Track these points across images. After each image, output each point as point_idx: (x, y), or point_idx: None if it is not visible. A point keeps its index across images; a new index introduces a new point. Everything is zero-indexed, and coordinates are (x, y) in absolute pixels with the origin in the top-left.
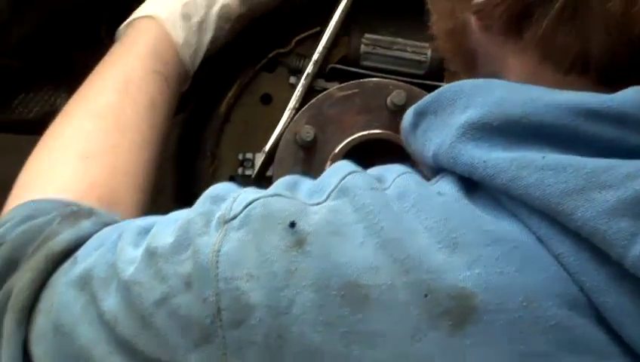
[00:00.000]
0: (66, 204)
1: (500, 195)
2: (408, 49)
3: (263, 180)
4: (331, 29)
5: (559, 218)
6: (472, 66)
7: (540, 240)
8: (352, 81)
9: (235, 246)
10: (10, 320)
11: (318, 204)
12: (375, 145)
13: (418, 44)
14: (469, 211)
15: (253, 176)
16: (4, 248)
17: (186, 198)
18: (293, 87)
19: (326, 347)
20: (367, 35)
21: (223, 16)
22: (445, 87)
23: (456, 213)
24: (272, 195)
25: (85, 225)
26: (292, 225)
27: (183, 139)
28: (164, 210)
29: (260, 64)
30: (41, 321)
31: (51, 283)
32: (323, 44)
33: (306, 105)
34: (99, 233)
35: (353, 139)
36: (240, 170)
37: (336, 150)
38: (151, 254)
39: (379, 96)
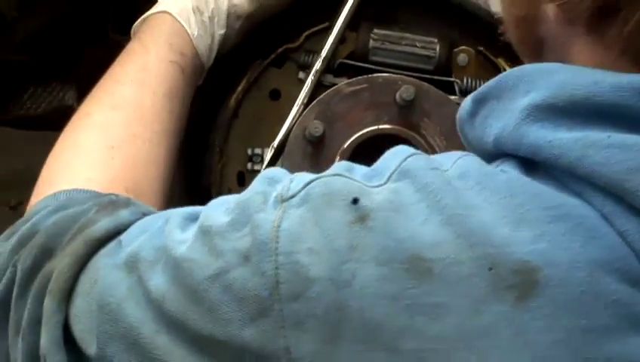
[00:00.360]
0: (101, 194)
1: (563, 176)
2: (417, 44)
3: None
4: (340, 24)
5: (625, 195)
6: (537, 54)
7: (604, 217)
8: (360, 77)
9: (296, 223)
10: (49, 302)
11: (378, 186)
12: (384, 140)
13: (427, 39)
14: (533, 188)
15: (262, 169)
16: (38, 236)
17: (194, 194)
18: (302, 82)
19: (388, 320)
20: (375, 31)
21: (233, 13)
22: (507, 73)
23: (521, 189)
24: (332, 175)
25: (124, 213)
26: (355, 201)
27: (192, 134)
28: (173, 206)
29: (268, 59)
30: (80, 302)
31: (91, 266)
32: (331, 40)
33: (315, 101)
34: (143, 220)
35: (362, 135)
36: (249, 165)
37: (345, 145)
38: (205, 232)
39: (388, 92)
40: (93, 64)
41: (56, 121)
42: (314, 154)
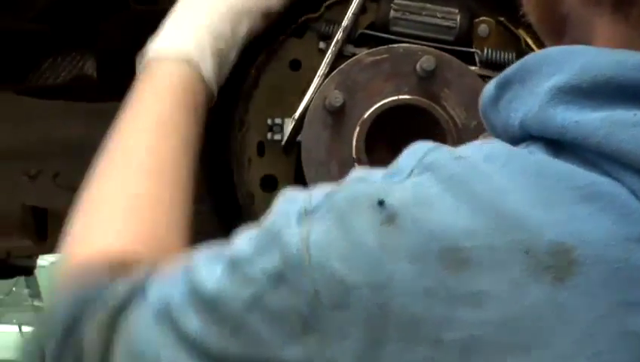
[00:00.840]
0: (116, 259)
1: (591, 155)
2: (438, 15)
3: (293, 146)
4: None
5: None
6: (558, 33)
7: (634, 194)
8: (381, 47)
9: (324, 233)
10: None
11: (400, 183)
12: (404, 110)
13: (447, 9)
14: (562, 168)
15: (283, 141)
16: (62, 313)
17: (215, 164)
18: (323, 52)
19: (429, 314)
20: (396, 1)
21: (249, 36)
22: (529, 56)
23: (549, 171)
24: (352, 182)
25: (140, 274)
26: (380, 203)
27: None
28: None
29: (289, 29)
30: None
31: (120, 329)
32: (352, 10)
33: (335, 71)
34: (164, 272)
35: (382, 105)
36: (269, 135)
37: (365, 115)
38: (233, 263)
39: (408, 62)
40: (112, 34)
41: (76, 90)
42: (334, 124)
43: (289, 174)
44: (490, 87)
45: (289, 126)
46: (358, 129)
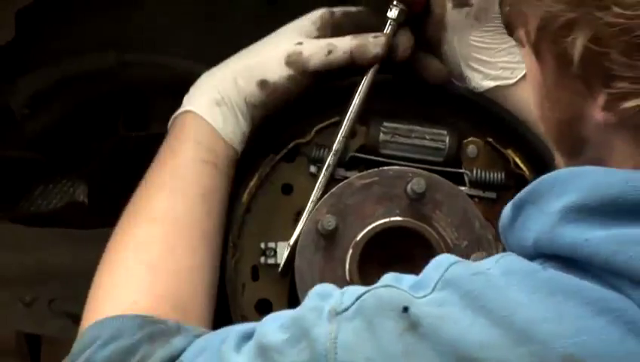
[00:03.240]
0: (151, 322)
1: (601, 271)
2: (427, 136)
3: (289, 271)
4: (349, 118)
5: None
6: (576, 152)
7: None
8: (371, 170)
9: (351, 334)
10: None
11: (424, 296)
12: (396, 232)
13: (436, 131)
14: (573, 284)
15: (280, 268)
16: None
17: None
18: (314, 176)
19: None
20: (385, 124)
21: (250, 103)
22: (542, 178)
23: (561, 286)
24: (382, 286)
25: (176, 342)
26: (405, 309)
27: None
28: None
29: (280, 154)
30: None
31: None
32: (342, 134)
33: (327, 195)
34: (201, 339)
35: (374, 227)
36: (262, 260)
37: (358, 238)
38: (263, 350)
39: (399, 184)
40: (103, 160)
41: (67, 217)
42: (327, 247)
43: (283, 297)
44: (507, 210)
45: (284, 251)
46: (350, 251)
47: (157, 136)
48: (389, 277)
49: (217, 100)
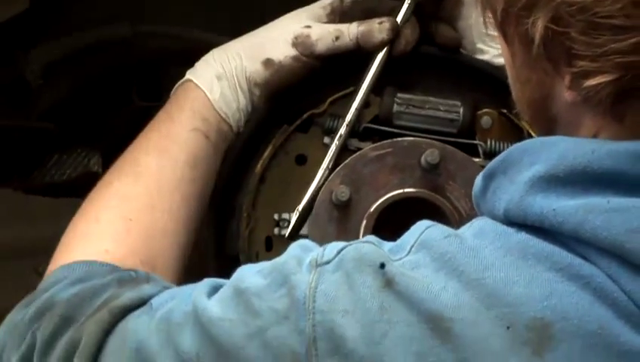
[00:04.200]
0: (116, 268)
1: (569, 240)
2: (440, 107)
3: (297, 238)
4: (364, 89)
5: (627, 256)
6: (550, 131)
7: (610, 277)
8: (385, 141)
9: (331, 286)
10: None
11: (400, 259)
12: (409, 203)
13: (450, 102)
14: (544, 249)
15: (288, 233)
16: (58, 307)
17: (223, 260)
18: (328, 147)
19: None
20: (399, 95)
21: (251, 81)
22: (512, 148)
23: (533, 250)
24: (362, 242)
25: (146, 287)
26: (382, 266)
27: (219, 200)
28: (201, 270)
29: (294, 125)
30: (111, 359)
31: (119, 329)
32: (356, 105)
33: (341, 165)
34: (173, 289)
35: (388, 198)
36: (276, 231)
37: (371, 209)
38: (239, 293)
39: (412, 155)
40: (117, 130)
41: (82, 187)
42: (340, 218)
43: None
44: (478, 179)
45: (294, 217)
46: (364, 222)
47: None
48: (371, 237)
49: (219, 74)
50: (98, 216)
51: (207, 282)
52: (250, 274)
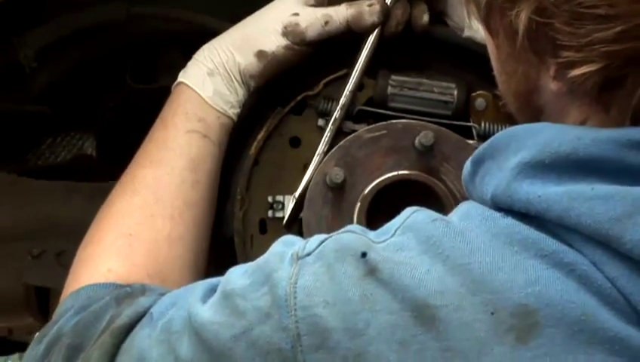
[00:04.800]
0: (118, 287)
1: (554, 227)
2: (435, 90)
3: (295, 223)
4: (357, 72)
5: (610, 243)
6: (537, 120)
7: (595, 265)
8: (379, 123)
9: (311, 278)
10: None
11: (384, 241)
12: (404, 185)
13: (444, 84)
14: (530, 235)
15: (285, 220)
16: (65, 338)
17: (218, 241)
18: (322, 129)
19: None
20: (393, 77)
21: (246, 74)
22: (499, 134)
23: (519, 235)
24: (344, 232)
25: (142, 301)
26: (363, 255)
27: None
28: None
29: (288, 107)
30: None
31: (124, 349)
32: (349, 87)
33: (335, 147)
34: (172, 293)
35: (382, 180)
36: (270, 213)
37: (366, 191)
38: (226, 296)
39: (407, 137)
40: (111, 113)
41: (76, 169)
42: (335, 200)
43: None
44: (467, 164)
45: (290, 204)
46: (359, 204)
47: (164, 89)
48: (353, 226)
49: (210, 70)
50: (100, 238)
51: (205, 284)
52: (236, 276)
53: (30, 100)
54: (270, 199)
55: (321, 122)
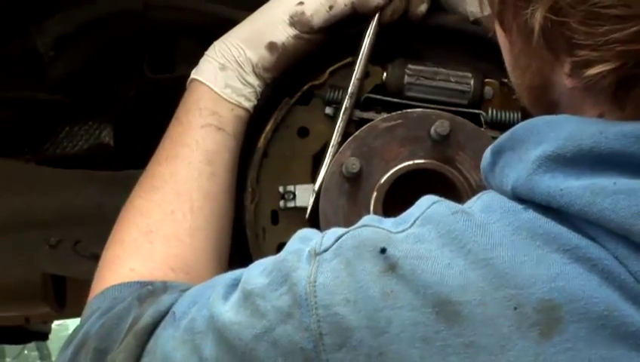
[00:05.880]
0: (142, 285)
1: (576, 221)
2: (451, 79)
3: (317, 216)
4: (361, 60)
5: (634, 238)
6: (551, 113)
7: (617, 259)
8: (395, 112)
9: (330, 276)
10: None
11: (403, 231)
12: (420, 175)
13: (460, 73)
14: (552, 229)
15: (307, 214)
16: (90, 341)
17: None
18: (329, 118)
19: (425, 361)
20: (410, 66)
21: (260, 67)
22: (519, 125)
23: (541, 229)
24: (359, 227)
25: (164, 298)
26: (382, 250)
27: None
28: None
29: (294, 98)
30: None
31: (148, 350)
32: (356, 76)
33: (351, 137)
34: (192, 290)
35: (398, 170)
36: (282, 203)
37: (382, 181)
38: (247, 296)
39: (422, 126)
40: (129, 102)
41: (93, 159)
42: (351, 190)
43: None
44: (487, 154)
45: (310, 198)
46: (375, 194)
47: (182, 78)
48: (369, 218)
49: (221, 65)
50: (122, 238)
51: (225, 280)
52: (255, 275)
53: (48, 89)
54: (281, 189)
55: (328, 110)
